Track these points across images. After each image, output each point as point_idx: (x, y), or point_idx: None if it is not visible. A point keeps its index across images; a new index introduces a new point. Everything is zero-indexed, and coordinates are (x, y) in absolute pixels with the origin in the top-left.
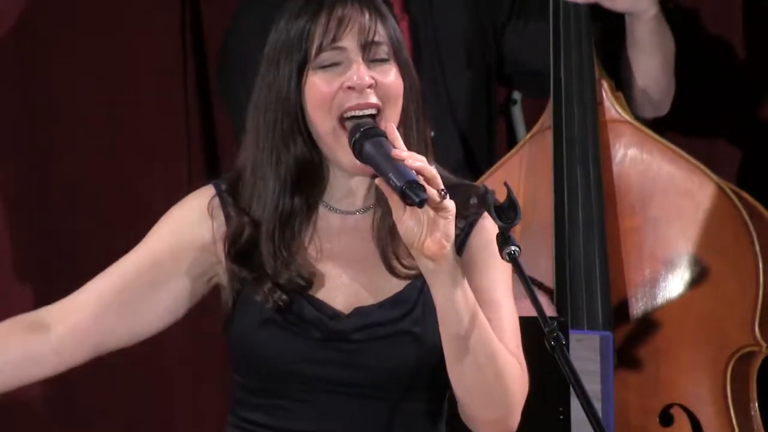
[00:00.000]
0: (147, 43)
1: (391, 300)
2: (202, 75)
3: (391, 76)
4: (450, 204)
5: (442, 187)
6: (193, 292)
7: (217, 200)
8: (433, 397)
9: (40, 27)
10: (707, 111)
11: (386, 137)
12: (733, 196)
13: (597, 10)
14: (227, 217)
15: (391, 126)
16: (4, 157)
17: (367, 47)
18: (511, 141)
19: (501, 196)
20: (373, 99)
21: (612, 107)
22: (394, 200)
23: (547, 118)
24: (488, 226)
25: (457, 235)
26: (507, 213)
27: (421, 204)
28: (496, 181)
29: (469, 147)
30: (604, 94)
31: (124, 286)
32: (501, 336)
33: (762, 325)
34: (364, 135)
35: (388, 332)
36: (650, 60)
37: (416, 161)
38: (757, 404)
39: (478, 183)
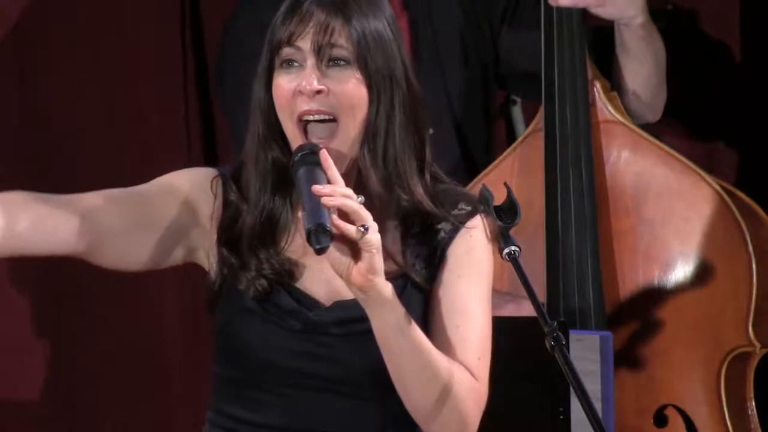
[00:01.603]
0: (147, 43)
1: None
2: (202, 75)
3: (347, 83)
4: (373, 238)
5: (364, 222)
6: (174, 248)
7: (220, 181)
8: None
9: (40, 27)
10: (706, 112)
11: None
12: (727, 197)
13: (590, 11)
14: (225, 200)
15: (324, 153)
16: (4, 157)
17: (322, 49)
18: (511, 141)
19: (500, 197)
20: (323, 106)
21: (605, 108)
22: None
23: (540, 119)
24: (474, 234)
25: (441, 238)
26: (507, 213)
27: (318, 252)
28: (490, 182)
29: (466, 146)
30: (597, 95)
31: (127, 201)
32: (462, 346)
33: (756, 325)
34: (302, 159)
35: (366, 329)
36: (640, 66)
37: (337, 198)
38: (753, 403)
39: (473, 184)
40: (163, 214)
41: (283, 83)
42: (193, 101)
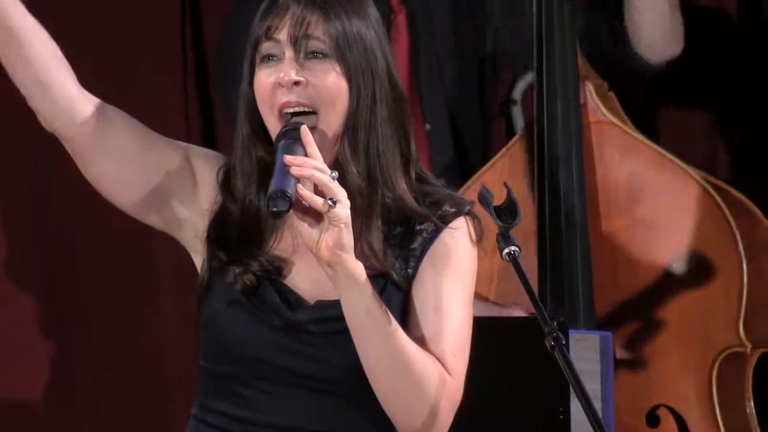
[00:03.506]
0: (147, 43)
1: None
2: (202, 75)
3: (326, 76)
4: (341, 213)
5: (334, 196)
6: (160, 201)
7: (224, 172)
8: None
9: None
10: (707, 110)
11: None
12: (717, 196)
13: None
14: (222, 194)
15: (304, 129)
16: (4, 157)
17: (298, 40)
18: (508, 138)
19: (500, 197)
20: (303, 98)
21: (598, 109)
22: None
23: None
24: (457, 235)
25: (423, 238)
26: (506, 213)
27: (274, 216)
28: (485, 182)
29: (461, 142)
30: (589, 95)
31: (140, 130)
32: (437, 341)
33: (747, 325)
34: (283, 134)
35: (344, 327)
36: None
37: (306, 169)
38: (752, 403)
39: (469, 183)
40: (165, 160)
41: (263, 77)
42: (193, 101)
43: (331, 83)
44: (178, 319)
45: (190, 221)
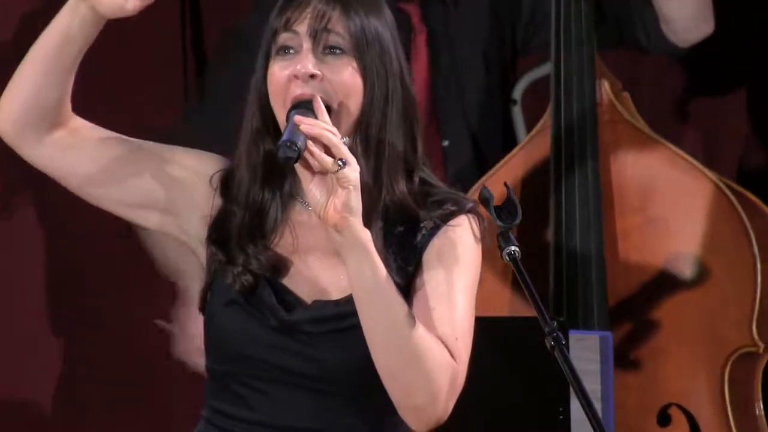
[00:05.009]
0: (147, 43)
1: (351, 297)
2: (202, 75)
3: (343, 72)
4: (350, 174)
5: (343, 156)
6: (143, 191)
7: (220, 175)
8: None
9: (40, 26)
10: (707, 110)
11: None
12: (732, 197)
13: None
14: (222, 197)
15: (317, 99)
16: (4, 157)
17: (318, 33)
18: (511, 141)
19: (500, 197)
20: (318, 92)
21: (613, 107)
22: (299, 169)
23: (548, 118)
24: (458, 231)
25: (423, 235)
26: (506, 213)
27: (284, 161)
28: (496, 181)
29: (480, 152)
30: (605, 94)
31: (123, 145)
32: (440, 326)
33: (760, 325)
34: (296, 105)
35: (341, 327)
36: None
37: (316, 128)
38: (761, 404)
39: (479, 183)
40: (142, 173)
41: (278, 70)
42: (193, 101)
43: (348, 79)
44: None
45: (191, 226)
